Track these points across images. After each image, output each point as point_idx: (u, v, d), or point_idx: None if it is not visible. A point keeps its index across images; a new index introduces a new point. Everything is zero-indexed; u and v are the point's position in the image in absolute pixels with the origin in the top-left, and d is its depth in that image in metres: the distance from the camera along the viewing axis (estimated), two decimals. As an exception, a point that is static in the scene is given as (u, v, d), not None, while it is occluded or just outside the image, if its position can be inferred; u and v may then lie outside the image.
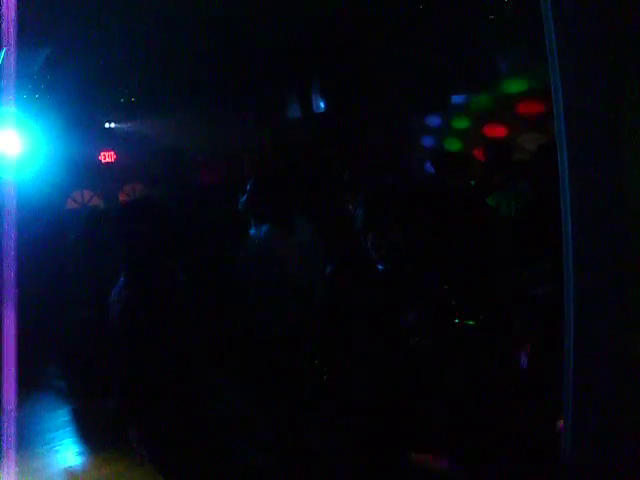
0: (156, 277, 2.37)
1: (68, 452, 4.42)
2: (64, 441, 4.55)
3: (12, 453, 4.12)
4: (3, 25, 5.49)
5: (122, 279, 2.40)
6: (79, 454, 4.40)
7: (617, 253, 1.80)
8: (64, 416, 4.85)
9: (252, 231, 3.69)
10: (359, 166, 6.21)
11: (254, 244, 3.60)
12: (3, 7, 5.35)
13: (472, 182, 5.26)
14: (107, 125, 11.08)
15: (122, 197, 11.93)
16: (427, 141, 8.92)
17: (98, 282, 3.97)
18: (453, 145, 8.46)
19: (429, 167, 5.66)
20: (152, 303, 2.27)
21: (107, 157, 11.40)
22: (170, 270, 2.49)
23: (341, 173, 5.72)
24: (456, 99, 8.57)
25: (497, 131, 7.86)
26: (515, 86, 7.67)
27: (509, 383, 2.65)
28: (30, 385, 5.15)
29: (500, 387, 2.49)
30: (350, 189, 4.34)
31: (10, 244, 5.26)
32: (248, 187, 3.78)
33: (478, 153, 6.46)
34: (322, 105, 8.87)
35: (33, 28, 6.02)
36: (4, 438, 4.25)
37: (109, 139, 11.20)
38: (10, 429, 4.41)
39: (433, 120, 8.96)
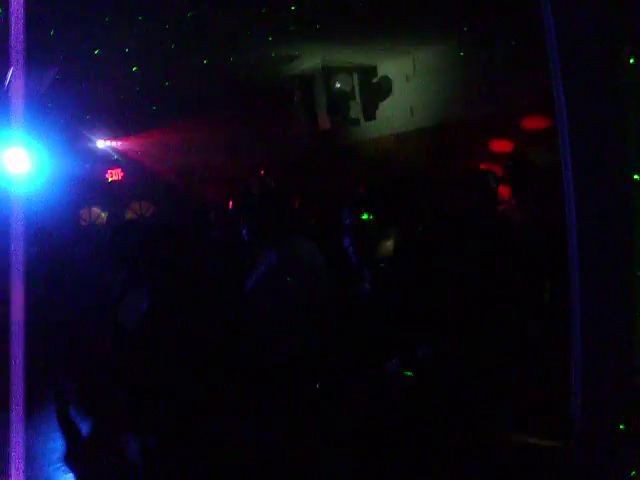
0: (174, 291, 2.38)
1: (74, 472, 4.38)
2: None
3: (20, 473, 4.09)
4: (11, 44, 5.53)
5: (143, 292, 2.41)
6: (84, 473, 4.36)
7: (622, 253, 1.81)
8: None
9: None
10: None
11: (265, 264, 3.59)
12: (11, 26, 5.38)
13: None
14: (113, 144, 11.14)
15: (129, 214, 11.98)
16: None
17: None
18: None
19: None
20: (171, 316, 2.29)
21: (114, 175, 11.46)
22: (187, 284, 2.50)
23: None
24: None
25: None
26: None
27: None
28: (37, 404, 5.13)
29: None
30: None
31: (19, 258, 5.27)
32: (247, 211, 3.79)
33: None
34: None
35: (40, 47, 6.08)
36: (13, 457, 4.22)
37: (116, 158, 11.27)
38: (18, 448, 4.38)
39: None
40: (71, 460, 4.51)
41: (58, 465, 4.45)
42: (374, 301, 2.31)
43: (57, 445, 4.76)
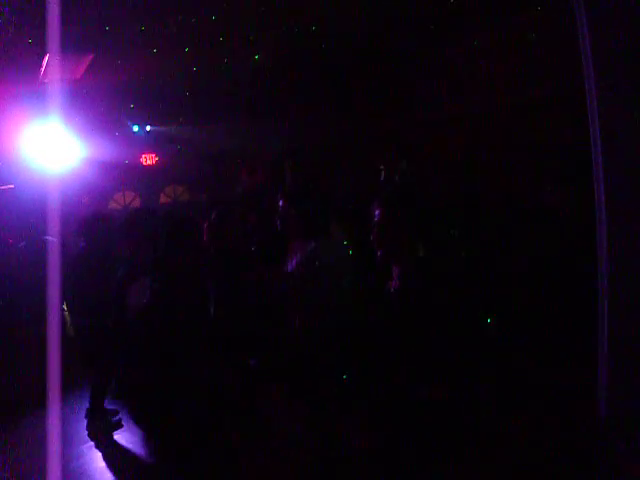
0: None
1: (107, 451, 4.50)
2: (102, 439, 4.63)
3: (55, 451, 4.23)
4: (47, 32, 5.61)
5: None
6: (117, 453, 4.47)
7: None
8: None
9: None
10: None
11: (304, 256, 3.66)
12: (47, 14, 5.45)
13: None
14: (149, 128, 11.26)
15: (162, 198, 12.15)
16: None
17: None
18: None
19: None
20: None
21: (148, 159, 11.60)
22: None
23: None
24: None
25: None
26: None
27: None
28: (70, 385, 5.28)
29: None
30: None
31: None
32: (281, 204, 3.79)
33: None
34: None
35: (75, 34, 6.16)
36: (49, 436, 4.37)
37: (150, 142, 11.39)
38: (54, 427, 4.53)
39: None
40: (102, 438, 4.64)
41: (90, 444, 4.57)
42: (399, 299, 2.27)
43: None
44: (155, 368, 2.28)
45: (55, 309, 4.93)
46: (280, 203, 3.78)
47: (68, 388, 5.05)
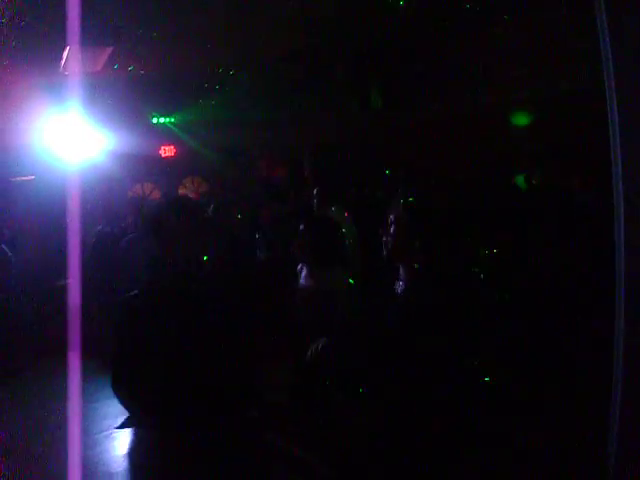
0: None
1: (124, 440, 4.54)
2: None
3: (75, 439, 4.29)
4: (67, 24, 5.65)
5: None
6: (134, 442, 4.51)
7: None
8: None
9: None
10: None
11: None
12: (67, 6, 5.48)
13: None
14: (167, 120, 11.31)
15: (181, 190, 12.21)
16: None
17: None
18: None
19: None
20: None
21: (167, 151, 11.66)
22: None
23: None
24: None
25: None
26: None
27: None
28: (89, 373, 5.35)
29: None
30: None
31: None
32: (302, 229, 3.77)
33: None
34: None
35: (95, 26, 6.20)
36: (69, 425, 4.43)
37: (169, 134, 11.45)
38: (74, 416, 4.59)
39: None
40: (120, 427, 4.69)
41: (108, 432, 4.63)
42: (406, 300, 2.24)
43: (106, 412, 4.95)
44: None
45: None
46: (301, 227, 3.75)
47: (85, 376, 5.14)
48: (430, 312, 2.11)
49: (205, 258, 2.47)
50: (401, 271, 2.26)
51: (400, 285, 2.26)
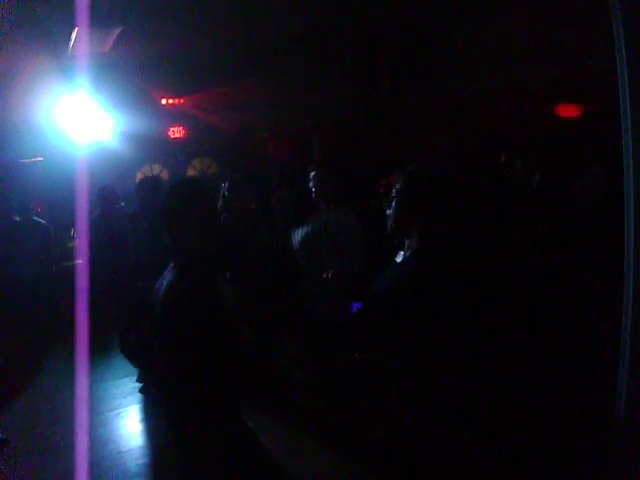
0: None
1: (133, 418, 4.62)
2: (129, 407, 4.76)
3: (84, 417, 4.37)
4: (76, 5, 5.64)
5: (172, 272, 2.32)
6: (143, 420, 4.59)
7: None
8: (131, 383, 5.07)
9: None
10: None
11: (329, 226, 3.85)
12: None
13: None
14: (176, 101, 11.27)
15: (190, 171, 12.22)
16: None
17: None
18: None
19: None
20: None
21: (176, 132, 11.65)
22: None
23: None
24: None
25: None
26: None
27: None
28: (98, 353, 5.44)
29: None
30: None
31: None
32: (313, 174, 4.04)
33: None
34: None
35: (104, 7, 6.18)
36: (76, 404, 4.51)
37: (178, 115, 11.41)
38: (85, 396, 4.68)
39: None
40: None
41: (118, 411, 4.70)
42: (409, 271, 2.24)
43: (116, 392, 5.04)
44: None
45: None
46: (314, 171, 4.04)
47: (95, 354, 5.22)
48: (429, 275, 2.13)
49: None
50: (406, 243, 2.27)
51: (400, 255, 2.27)
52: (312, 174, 4.07)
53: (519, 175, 5.24)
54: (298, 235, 4.02)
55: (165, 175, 11.49)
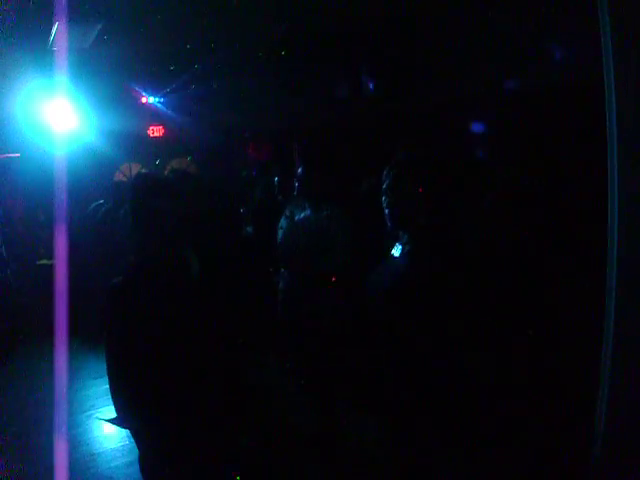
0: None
1: (107, 420, 4.56)
2: (103, 409, 4.70)
3: (60, 419, 4.30)
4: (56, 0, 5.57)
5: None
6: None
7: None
8: (105, 384, 4.99)
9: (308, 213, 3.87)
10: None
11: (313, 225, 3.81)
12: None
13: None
14: (156, 99, 11.19)
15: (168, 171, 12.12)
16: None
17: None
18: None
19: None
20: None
21: (155, 131, 11.57)
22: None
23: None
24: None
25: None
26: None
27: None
28: (73, 354, 5.35)
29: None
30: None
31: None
32: (300, 171, 4.01)
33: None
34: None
35: (84, 2, 6.11)
36: (55, 404, 4.44)
37: (158, 114, 11.34)
38: (58, 397, 4.60)
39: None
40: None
41: (90, 413, 4.65)
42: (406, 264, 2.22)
43: (89, 393, 4.97)
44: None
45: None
46: (300, 169, 4.01)
47: (69, 354, 5.14)
48: (428, 267, 2.11)
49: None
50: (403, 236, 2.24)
51: (398, 247, 2.24)
52: (298, 171, 4.07)
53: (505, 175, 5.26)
54: (280, 233, 4.00)
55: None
